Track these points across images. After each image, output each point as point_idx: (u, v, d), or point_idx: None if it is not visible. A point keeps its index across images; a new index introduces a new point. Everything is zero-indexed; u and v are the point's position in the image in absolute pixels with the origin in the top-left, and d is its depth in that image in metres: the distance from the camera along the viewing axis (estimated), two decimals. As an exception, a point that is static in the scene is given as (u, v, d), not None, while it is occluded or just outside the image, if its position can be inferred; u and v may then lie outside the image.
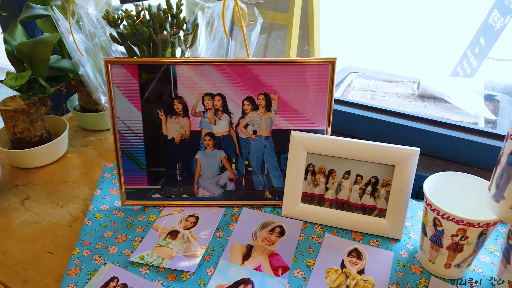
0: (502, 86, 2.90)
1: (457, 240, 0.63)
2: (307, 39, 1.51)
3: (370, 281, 0.68)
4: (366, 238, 0.76)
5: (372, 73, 1.77)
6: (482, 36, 2.59)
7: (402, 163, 0.72)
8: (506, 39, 2.78)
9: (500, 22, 2.49)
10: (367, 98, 1.57)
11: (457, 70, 2.71)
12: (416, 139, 0.91)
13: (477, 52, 2.58)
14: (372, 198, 0.76)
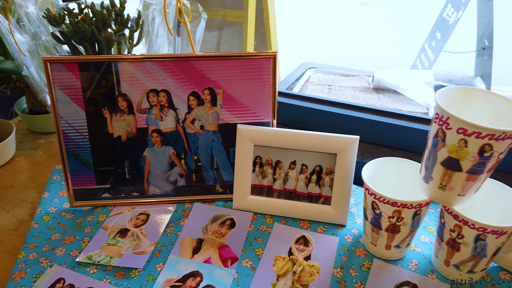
0: (459, 78, 3.03)
1: (394, 221, 0.66)
2: (264, 36, 1.52)
3: (316, 266, 0.70)
4: (313, 226, 0.78)
5: (329, 68, 1.81)
6: (438, 30, 2.69)
7: (343, 150, 0.74)
8: (460, 33, 2.89)
9: (454, 16, 2.59)
10: (325, 92, 1.60)
11: (416, 64, 2.81)
12: (363, 128, 0.95)
13: (433, 45, 2.68)
14: (318, 186, 0.78)
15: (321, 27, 3.98)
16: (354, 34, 3.78)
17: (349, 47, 3.60)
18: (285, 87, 1.61)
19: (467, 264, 0.64)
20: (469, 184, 0.59)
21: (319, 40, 3.72)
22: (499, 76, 2.93)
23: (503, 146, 0.54)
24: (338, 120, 0.97)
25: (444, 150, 0.57)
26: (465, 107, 0.62)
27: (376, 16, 4.07)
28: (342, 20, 4.09)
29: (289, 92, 1.01)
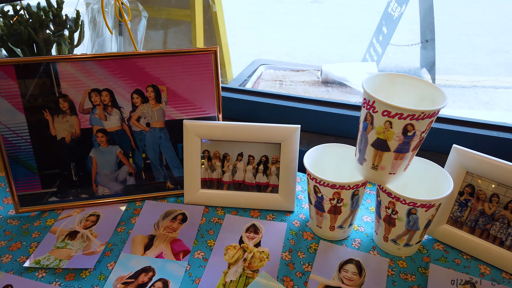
0: (406, 70, 3.17)
1: (335, 203, 0.70)
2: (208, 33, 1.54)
3: (266, 252, 0.73)
4: (263, 214, 0.81)
5: (281, 64, 1.85)
6: (384, 24, 2.81)
7: (286, 140, 0.77)
8: (405, 26, 3.04)
9: (398, 11, 2.72)
10: (276, 87, 1.65)
11: (366, 57, 2.92)
12: (309, 119, 0.98)
13: (381, 39, 2.79)
14: (265, 176, 0.81)
15: (275, 25, 4.04)
16: (307, 31, 3.87)
17: (302, 43, 3.68)
18: (238, 84, 1.64)
19: (403, 238, 0.69)
20: (398, 163, 0.63)
21: (273, 38, 3.78)
22: (442, 67, 3.10)
23: (423, 125, 0.59)
24: (286, 112, 1.00)
25: (373, 132, 0.62)
26: (392, 92, 0.67)
27: (327, 13, 4.19)
28: (294, 17, 4.17)
29: (236, 87, 1.04)
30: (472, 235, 0.70)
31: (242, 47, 3.60)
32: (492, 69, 3.08)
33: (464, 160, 0.69)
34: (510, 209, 0.66)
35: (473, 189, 0.69)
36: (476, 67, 3.11)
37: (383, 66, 3.18)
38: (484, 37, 3.54)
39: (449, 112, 0.88)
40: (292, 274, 0.69)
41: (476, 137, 0.81)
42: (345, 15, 4.02)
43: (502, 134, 0.81)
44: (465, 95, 2.79)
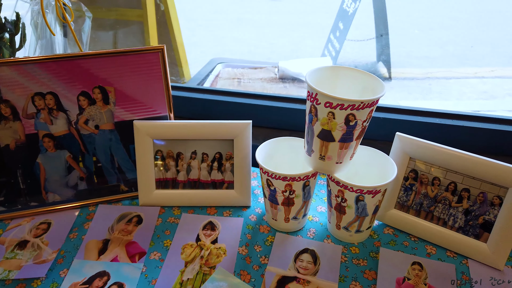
0: (364, 64, 3.26)
1: (287, 195, 0.71)
2: (168, 34, 1.52)
3: (223, 248, 0.73)
4: (220, 211, 0.81)
5: (238, 62, 1.86)
6: (340, 20, 2.88)
7: (238, 136, 0.78)
8: (360, 22, 3.13)
9: (353, 7, 2.78)
10: (234, 85, 1.65)
11: (325, 53, 2.98)
12: (264, 115, 0.99)
13: (338, 35, 2.85)
14: (220, 172, 0.81)
15: (236, 24, 4.05)
16: (267, 29, 3.90)
17: (264, 41, 3.71)
18: (196, 83, 1.63)
19: (354, 224, 0.71)
20: (344, 152, 0.66)
21: (235, 37, 3.78)
22: (398, 60, 3.22)
23: (364, 115, 0.61)
24: (241, 109, 1.01)
25: (318, 123, 0.64)
26: (335, 84, 0.69)
27: (287, 11, 4.24)
28: (255, 16, 4.19)
29: (188, 86, 1.03)
30: (418, 217, 0.74)
31: (203, 46, 3.58)
32: (445, 61, 3.23)
33: (407, 147, 0.72)
34: (451, 191, 0.70)
35: (416, 173, 0.73)
36: (429, 59, 3.25)
37: (341, 61, 3.26)
38: (436, 30, 3.70)
39: (405, 103, 0.92)
40: (249, 268, 0.69)
41: (420, 125, 0.85)
42: (304, 12, 4.09)
43: (443, 120, 0.85)
44: (419, 87, 2.91)
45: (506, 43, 3.43)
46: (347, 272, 0.69)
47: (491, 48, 3.37)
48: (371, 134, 0.86)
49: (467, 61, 3.16)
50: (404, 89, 2.92)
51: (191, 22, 4.07)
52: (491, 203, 0.67)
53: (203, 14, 4.31)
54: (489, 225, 0.68)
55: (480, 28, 3.72)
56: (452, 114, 0.84)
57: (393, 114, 0.87)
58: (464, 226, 0.70)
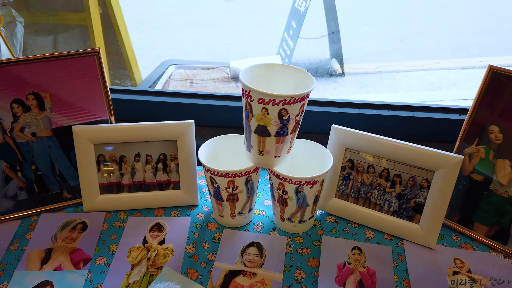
0: (318, 61, 3.34)
1: (231, 191, 0.73)
2: (115, 37, 1.50)
3: (170, 248, 0.73)
4: (167, 211, 0.81)
5: (191, 63, 1.85)
6: (293, 19, 2.93)
7: (181, 136, 0.79)
8: (313, 20, 3.20)
9: (304, 5, 2.84)
10: (187, 86, 1.65)
11: (280, 52, 3.02)
12: (210, 114, 1.00)
13: (291, 34, 2.91)
14: (165, 173, 0.81)
15: (192, 25, 4.03)
16: (223, 29, 3.91)
17: (220, 42, 3.71)
18: (148, 86, 1.61)
19: (296, 215, 0.74)
20: (280, 146, 0.68)
21: (191, 38, 3.76)
22: (350, 56, 3.32)
23: (296, 109, 0.64)
24: (187, 109, 1.01)
25: (253, 120, 0.65)
26: (271, 81, 0.71)
27: (242, 11, 4.26)
28: (211, 17, 4.18)
29: (131, 88, 1.02)
30: (356, 204, 0.78)
31: (159, 49, 3.53)
32: (394, 55, 3.36)
33: (342, 138, 0.76)
34: (384, 177, 0.74)
35: (352, 163, 0.76)
36: (379, 54, 3.38)
37: (296, 59, 3.32)
38: (385, 26, 3.84)
39: (359, 98, 0.95)
40: (196, 265, 0.70)
41: (357, 116, 0.89)
42: (258, 12, 4.13)
43: (377, 111, 0.90)
44: (371, 81, 3.02)
45: (449, 36, 3.62)
46: (291, 261, 0.71)
47: (437, 41, 3.54)
48: (311, 128, 0.89)
49: (414, 54, 3.32)
50: (357, 83, 3.02)
51: (146, 25, 4.00)
52: (420, 186, 0.71)
53: (157, 16, 4.25)
54: (420, 207, 0.72)
55: (425, 22, 3.90)
56: (384, 104, 0.89)
57: (332, 107, 0.90)
58: (398, 209, 0.74)
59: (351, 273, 0.68)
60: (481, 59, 3.09)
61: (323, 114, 0.90)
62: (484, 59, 3.10)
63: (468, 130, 0.71)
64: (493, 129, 0.69)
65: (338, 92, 2.90)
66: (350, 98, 0.88)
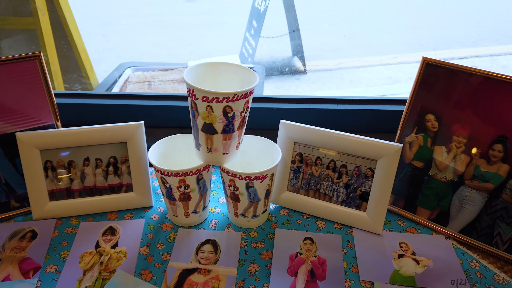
0: (280, 59, 3.38)
1: (183, 190, 0.73)
2: (67, 40, 1.46)
3: (123, 251, 0.73)
4: (121, 215, 0.81)
5: (149, 64, 1.83)
6: (254, 18, 2.95)
7: (131, 137, 0.78)
8: (274, 19, 3.23)
9: (264, 4, 2.87)
10: (145, 88, 1.63)
11: (242, 52, 3.03)
12: (166, 114, 1.00)
13: (253, 33, 2.92)
14: (117, 176, 0.80)
15: (154, 27, 3.97)
16: (186, 30, 3.88)
17: (183, 43, 3.68)
18: (104, 89, 1.58)
19: (249, 210, 0.75)
20: (228, 143, 0.69)
21: (153, 40, 3.71)
22: (312, 53, 3.38)
23: (240, 106, 0.65)
24: (140, 110, 1.00)
25: (199, 118, 0.66)
26: (217, 79, 0.72)
27: (204, 11, 4.24)
28: (172, 18, 4.14)
29: (78, 92, 1.00)
30: (307, 196, 0.80)
31: (119, 52, 3.46)
32: (354, 51, 3.45)
33: (291, 132, 0.78)
34: (331, 168, 0.77)
35: (301, 156, 0.78)
36: (340, 50, 3.46)
37: (259, 58, 3.35)
38: (344, 23, 3.93)
39: (321, 94, 0.97)
40: (150, 266, 0.70)
41: (307, 111, 0.92)
42: (220, 12, 4.13)
43: (325, 105, 0.93)
44: (332, 77, 3.09)
45: (406, 31, 3.75)
46: (246, 256, 0.72)
47: (394, 37, 3.66)
48: (262, 124, 0.91)
49: (373, 50, 3.42)
50: (319, 80, 3.08)
51: (105, 27, 3.91)
52: (365, 176, 0.74)
53: (117, 19, 4.16)
54: (366, 195, 0.75)
55: (381, 18, 4.03)
56: (331, 99, 0.92)
57: (281, 103, 0.92)
58: (346, 199, 0.77)
59: (303, 263, 0.70)
60: (435, 53, 3.23)
61: (273, 110, 0.92)
62: (438, 52, 3.25)
63: (407, 120, 0.75)
64: (429, 117, 0.73)
65: (301, 90, 2.95)
66: (313, 94, 0.89)
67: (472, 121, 0.69)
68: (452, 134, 0.71)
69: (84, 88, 1.64)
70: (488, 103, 0.67)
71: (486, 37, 3.47)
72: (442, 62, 0.71)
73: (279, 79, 3.12)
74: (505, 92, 0.66)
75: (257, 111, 0.94)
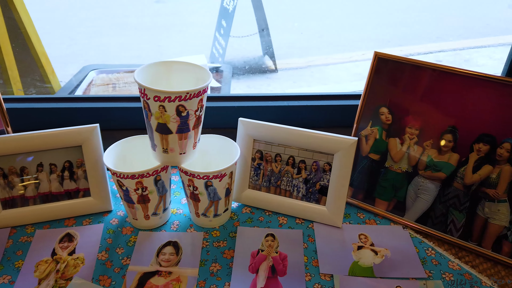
0: (251, 58, 3.38)
1: (141, 192, 0.72)
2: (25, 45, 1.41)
3: (81, 257, 0.71)
4: (79, 220, 0.79)
5: (114, 67, 1.80)
6: (223, 18, 2.94)
7: (86, 141, 0.76)
8: (243, 18, 3.23)
9: (232, 4, 2.86)
10: (109, 91, 1.60)
11: (213, 52, 3.02)
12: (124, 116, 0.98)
13: (222, 33, 2.91)
14: (73, 181, 0.78)
15: (121, 28, 3.90)
16: (154, 31, 3.83)
17: (151, 44, 3.63)
18: (67, 93, 1.54)
19: (210, 209, 0.75)
20: (184, 143, 0.68)
21: (120, 42, 3.64)
22: (282, 52, 3.39)
23: (194, 104, 0.64)
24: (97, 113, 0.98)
25: (153, 118, 0.65)
26: (171, 78, 0.71)
27: (172, 12, 4.20)
28: (140, 19, 4.08)
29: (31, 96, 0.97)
30: (269, 193, 0.80)
31: (86, 55, 3.38)
32: (323, 49, 3.49)
33: (249, 130, 0.78)
34: (291, 164, 0.77)
35: (261, 153, 0.78)
36: (309, 49, 3.49)
37: (230, 58, 3.34)
38: (313, 22, 3.98)
39: (293, 91, 0.97)
40: (109, 272, 0.69)
41: (267, 109, 0.92)
42: (189, 13, 4.09)
43: (283, 102, 0.93)
44: (303, 75, 3.12)
45: (373, 28, 3.82)
46: (207, 255, 0.72)
47: (362, 34, 3.73)
48: (224, 123, 0.91)
49: (342, 47, 3.47)
50: (290, 78, 3.10)
51: (70, 31, 3.81)
52: (323, 170, 0.75)
53: (83, 21, 4.06)
54: (325, 189, 0.76)
55: (349, 16, 4.09)
56: (290, 96, 0.93)
57: (236, 102, 0.92)
58: (306, 194, 0.78)
59: (264, 260, 0.70)
60: (401, 48, 3.31)
61: (234, 109, 0.91)
62: (404, 48, 3.33)
63: (363, 114, 0.76)
64: (383, 110, 0.75)
65: (272, 88, 2.96)
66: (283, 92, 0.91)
67: (423, 113, 0.71)
68: (405, 126, 0.73)
69: (45, 92, 1.59)
70: (437, 95, 0.69)
71: (450, 32, 3.58)
72: (393, 56, 0.73)
73: (250, 78, 3.13)
74: (453, 83, 0.68)
75: (218, 109, 0.93)
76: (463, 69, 0.67)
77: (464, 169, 0.69)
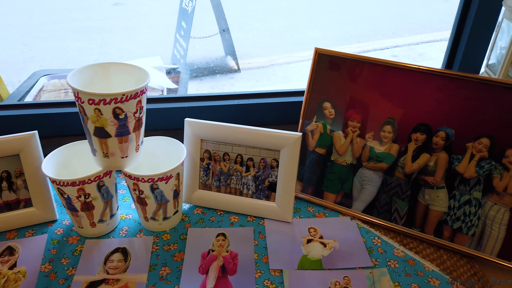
0: (214, 59, 3.36)
1: (84, 200, 0.70)
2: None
3: (22, 271, 0.68)
4: (21, 232, 0.75)
5: (66, 72, 1.74)
6: (182, 19, 2.90)
7: (24, 149, 0.73)
8: (203, 19, 3.21)
9: (191, 5, 2.83)
10: (61, 97, 1.54)
11: (174, 53, 2.98)
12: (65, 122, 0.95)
13: (183, 34, 2.88)
14: (12, 192, 0.75)
15: (79, 32, 3.78)
16: (113, 34, 3.74)
17: (111, 48, 3.55)
18: (16, 100, 1.48)
19: (159, 213, 0.73)
20: (125, 146, 0.67)
21: (78, 47, 3.53)
22: (244, 52, 3.40)
23: (132, 106, 0.63)
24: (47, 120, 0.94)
25: (89, 122, 0.63)
26: (110, 81, 0.69)
27: (132, 14, 4.12)
28: (98, 22, 3.97)
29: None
30: (219, 192, 0.80)
31: (43, 61, 3.26)
32: (284, 48, 3.52)
33: (196, 130, 0.77)
34: (239, 162, 0.77)
35: (209, 153, 0.78)
36: (271, 47, 3.51)
37: (193, 59, 3.32)
38: (274, 21, 4.00)
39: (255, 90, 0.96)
40: (53, 284, 0.66)
41: (214, 108, 0.92)
42: (149, 15, 4.03)
43: (231, 101, 0.93)
44: (266, 74, 3.13)
45: (332, 26, 3.89)
46: (157, 260, 0.70)
47: (321, 31, 3.79)
48: (173, 124, 0.89)
49: (302, 45, 3.51)
50: (253, 78, 3.11)
51: (26, 36, 3.67)
52: (271, 166, 0.76)
53: (40, 26, 3.92)
54: (274, 185, 0.76)
55: (308, 14, 4.15)
56: (236, 94, 0.93)
57: (183, 102, 0.91)
58: (255, 191, 0.78)
59: (215, 260, 0.70)
60: (359, 45, 3.38)
61: (183, 109, 0.90)
62: (362, 44, 3.40)
63: (307, 109, 0.77)
64: (326, 105, 0.76)
65: (236, 88, 2.96)
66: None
67: (364, 106, 0.73)
68: (347, 120, 0.74)
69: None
70: (376, 88, 0.71)
71: (404, 28, 3.70)
72: (333, 52, 0.74)
73: (213, 79, 3.11)
74: (390, 76, 0.70)
75: (168, 111, 0.92)
76: (401, 63, 0.69)
77: (404, 158, 0.71)
